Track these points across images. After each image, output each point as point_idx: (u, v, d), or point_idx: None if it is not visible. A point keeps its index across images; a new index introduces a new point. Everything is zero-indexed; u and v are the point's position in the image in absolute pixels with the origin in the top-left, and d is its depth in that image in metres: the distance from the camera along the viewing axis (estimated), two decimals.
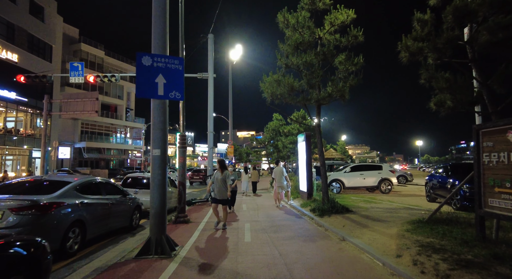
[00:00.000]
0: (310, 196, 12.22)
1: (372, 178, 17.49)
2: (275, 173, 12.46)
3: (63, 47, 40.79)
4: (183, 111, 9.83)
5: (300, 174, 13.57)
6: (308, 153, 12.27)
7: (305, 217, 9.76)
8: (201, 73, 16.47)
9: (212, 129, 16.36)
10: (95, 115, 28.24)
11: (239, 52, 33.76)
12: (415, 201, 13.83)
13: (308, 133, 12.36)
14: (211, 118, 16.33)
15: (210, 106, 16.33)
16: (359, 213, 9.25)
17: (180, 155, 9.63)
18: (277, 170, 12.40)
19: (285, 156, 28.52)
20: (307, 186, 12.25)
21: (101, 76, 17.03)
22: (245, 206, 12.97)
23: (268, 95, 9.20)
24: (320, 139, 9.82)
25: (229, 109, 32.28)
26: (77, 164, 43.50)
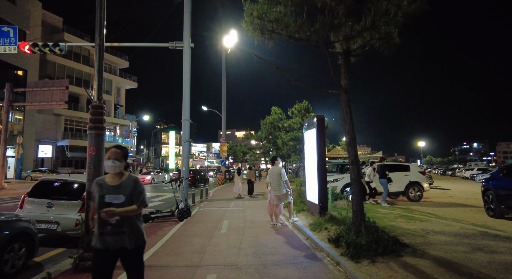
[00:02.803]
0: (323, 210, 7.77)
1: (397, 181, 13.06)
2: (271, 176, 8.04)
3: (44, 37, 36.40)
4: (99, 57, 5.48)
5: (307, 176, 9.13)
6: (321, 145, 7.85)
7: (322, 257, 5.26)
8: (174, 42, 12.06)
9: (189, 117, 11.93)
10: (64, 106, 23.72)
11: (234, 38, 29.43)
12: (469, 215, 9.46)
13: (320, 116, 7.91)
14: (186, 102, 11.91)
15: (185, 87, 11.91)
16: (423, 251, 4.81)
17: (91, 144, 5.26)
18: (273, 172, 7.98)
19: (285, 155, 24.09)
20: (319, 195, 7.79)
21: (40, 45, 12.62)
22: (226, 224, 8.52)
23: (254, 23, 4.74)
24: (350, 117, 5.33)
25: (222, 103, 27.85)
26: (59, 163, 39.10)
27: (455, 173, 45.68)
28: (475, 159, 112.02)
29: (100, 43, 5.45)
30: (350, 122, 5.19)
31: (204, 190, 16.36)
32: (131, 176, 2.96)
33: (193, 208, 11.79)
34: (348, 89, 5.19)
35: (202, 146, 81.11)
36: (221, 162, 28.79)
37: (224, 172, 27.93)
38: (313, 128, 8.15)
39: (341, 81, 5.19)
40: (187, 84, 11.96)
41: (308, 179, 8.88)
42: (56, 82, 22.79)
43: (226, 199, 15.29)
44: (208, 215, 10.31)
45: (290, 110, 21.75)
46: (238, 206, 12.51)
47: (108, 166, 2.82)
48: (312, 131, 8.26)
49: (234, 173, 37.54)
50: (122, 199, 2.74)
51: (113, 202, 2.72)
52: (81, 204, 6.88)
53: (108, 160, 2.83)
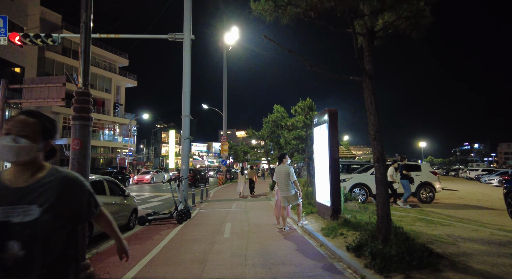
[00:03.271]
0: (336, 213, 7.04)
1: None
2: (278, 175, 7.31)
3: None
4: (86, 40, 4.78)
5: (317, 176, 8.38)
6: (333, 142, 7.12)
7: (343, 269, 4.49)
8: (174, 34, 11.33)
9: (189, 113, 11.19)
10: (61, 103, 23.03)
11: (235, 35, 28.71)
12: (490, 219, 8.78)
13: (332, 110, 7.17)
14: (186, 97, 11.17)
15: (185, 81, 11.17)
16: (464, 265, 4.07)
17: (74, 136, 4.56)
18: (281, 171, 7.24)
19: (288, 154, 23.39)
20: (332, 196, 7.06)
21: (31, 35, 11.92)
22: (228, 227, 7.79)
23: None
24: (375, 107, 4.56)
25: (223, 101, 27.12)
26: (58, 162, 38.29)
27: (459, 173, 44.96)
28: (476, 159, 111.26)
29: (87, 20, 4.73)
30: (376, 113, 4.46)
31: (205, 190, 15.64)
32: (57, 171, 1.51)
33: (193, 209, 11.07)
34: (373, 75, 4.47)
35: (202, 146, 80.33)
36: (221, 161, 28.06)
37: (225, 172, 27.19)
38: (324, 124, 7.41)
39: (364, 65, 4.46)
40: (187, 78, 11.23)
41: (318, 179, 8.14)
42: (52, 79, 21.88)
43: (227, 200, 14.57)
44: (209, 217, 9.58)
45: (293, 108, 20.93)
46: (241, 207, 11.78)
47: (3, 148, 1.39)
48: (323, 127, 7.52)
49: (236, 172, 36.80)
50: (35, 215, 1.35)
51: (12, 220, 1.33)
52: None
53: (5, 138, 1.39)
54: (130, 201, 8.79)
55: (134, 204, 9.09)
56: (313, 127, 8.27)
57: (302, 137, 20.51)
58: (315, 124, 8.14)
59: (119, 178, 24.44)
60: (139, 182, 28.47)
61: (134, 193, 19.14)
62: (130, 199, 8.85)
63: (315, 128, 8.19)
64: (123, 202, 8.26)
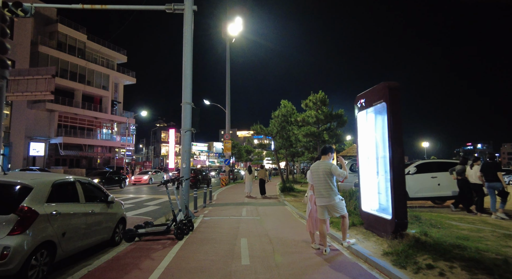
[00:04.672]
0: (401, 229, 4.93)
1: (446, 183, 10.32)
2: (314, 175, 5.18)
3: (36, 27, 33.64)
4: None
5: (362, 176, 6.17)
6: (396, 128, 4.98)
7: None
8: (172, 4, 9.21)
9: (190, 99, 9.08)
10: (50, 97, 20.87)
11: (239, 26, 26.62)
12: None
13: (393, 84, 5.03)
14: (188, 81, 9.05)
15: (186, 61, 9.06)
16: None
17: None
18: (319, 169, 5.11)
19: (300, 152, 21.26)
20: (394, 204, 4.88)
21: None
22: (245, 246, 5.67)
23: None
24: None
25: (226, 96, 25.01)
26: (53, 162, 36.18)
27: None
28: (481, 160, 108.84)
29: None
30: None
31: (208, 193, 13.50)
32: None
33: (195, 217, 8.95)
34: None
35: (203, 145, 78.01)
36: (224, 161, 25.93)
37: (228, 172, 25.03)
38: (378, 104, 5.30)
39: None
40: (189, 58, 9.12)
41: (365, 182, 6.01)
42: (41, 70, 19.72)
43: (235, 204, 12.46)
44: (217, 228, 7.46)
45: (304, 102, 18.86)
46: (253, 214, 9.67)
47: None
48: (378, 109, 5.41)
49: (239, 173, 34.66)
50: None
51: None
52: (17, 220, 4.09)
53: None
54: (115, 209, 6.70)
55: (122, 212, 7.00)
56: (357, 111, 6.15)
57: (315, 133, 18.42)
58: (359, 107, 6.02)
59: (115, 179, 22.30)
60: (137, 183, 26.33)
61: (130, 195, 17.03)
62: (116, 206, 6.76)
63: (359, 112, 6.07)
64: (105, 211, 6.17)
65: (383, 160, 5.26)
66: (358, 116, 6.14)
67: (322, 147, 5.34)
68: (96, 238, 5.85)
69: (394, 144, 4.90)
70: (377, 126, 5.57)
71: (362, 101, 5.89)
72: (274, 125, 18.36)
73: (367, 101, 5.68)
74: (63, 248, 4.76)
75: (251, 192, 15.45)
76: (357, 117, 6.16)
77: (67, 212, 4.97)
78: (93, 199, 6.01)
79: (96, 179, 19.98)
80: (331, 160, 5.26)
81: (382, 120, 5.33)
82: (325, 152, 5.23)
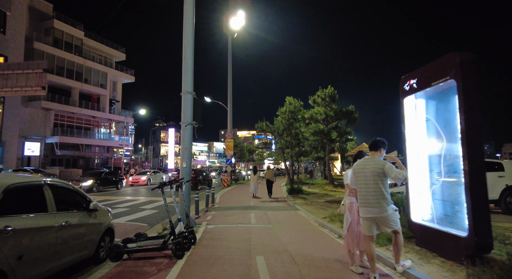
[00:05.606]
0: (482, 251, 3.60)
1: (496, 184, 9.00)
2: (360, 176, 3.84)
3: (32, 23, 32.24)
4: None
5: (411, 179, 4.78)
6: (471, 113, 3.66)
7: None
8: None
9: (191, 89, 7.75)
10: (42, 92, 19.45)
11: (241, 20, 25.31)
12: None
13: (466, 56, 3.73)
14: (189, 66, 7.72)
15: (187, 43, 7.74)
16: None
17: None
18: (366, 169, 3.78)
19: (308, 151, 19.88)
20: (472, 217, 3.54)
21: None
22: (263, 269, 4.31)
23: None
24: None
25: (228, 92, 23.68)
26: (48, 162, 34.80)
27: None
28: None
29: None
30: None
31: (210, 195, 12.15)
32: None
33: (197, 225, 7.61)
34: None
35: (203, 145, 76.52)
36: (226, 160, 24.55)
37: (230, 172, 23.64)
38: (440, 83, 3.97)
39: None
40: (190, 39, 7.79)
41: (415, 184, 4.67)
42: (31, 64, 18.37)
43: (240, 208, 11.12)
44: (224, 240, 6.12)
45: (311, 97, 17.50)
46: (263, 221, 8.33)
47: None
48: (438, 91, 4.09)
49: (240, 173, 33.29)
50: None
51: None
52: None
53: None
54: (100, 218, 5.36)
55: (108, 222, 5.65)
56: (403, 96, 4.80)
57: (323, 131, 17.09)
58: (407, 91, 4.68)
59: (112, 180, 20.92)
60: (134, 184, 24.95)
61: (127, 197, 15.67)
62: (101, 214, 5.42)
63: (407, 97, 4.73)
64: (86, 221, 4.84)
65: (451, 157, 3.94)
66: (405, 102, 4.81)
67: (371, 140, 4.00)
68: (73, 256, 4.53)
69: (470, 136, 3.58)
70: (438, 113, 4.25)
71: (412, 82, 4.55)
72: (281, 122, 17.02)
73: (421, 81, 4.35)
74: (19, 277, 3.43)
75: (256, 192, 14.79)
76: (404, 103, 4.83)
77: (27, 227, 3.63)
78: (69, 207, 4.68)
79: (90, 180, 18.63)
80: (383, 156, 3.94)
81: (446, 105, 4.02)
82: (375, 147, 3.90)
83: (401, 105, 4.87)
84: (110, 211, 6.00)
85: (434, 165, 4.35)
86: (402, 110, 4.83)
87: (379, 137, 3.98)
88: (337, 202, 11.64)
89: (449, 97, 3.93)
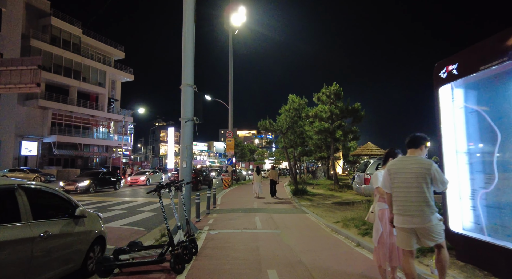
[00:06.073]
0: None
1: None
2: (398, 178, 3.16)
3: (29, 21, 31.50)
4: None
5: (450, 182, 4.11)
6: None
7: None
8: None
9: (192, 81, 7.07)
10: (36, 90, 18.77)
11: (242, 16, 24.62)
12: None
13: None
14: (189, 57, 7.04)
15: (187, 32, 7.05)
16: None
17: None
18: (405, 168, 3.12)
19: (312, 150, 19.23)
20: None
21: None
22: None
23: None
24: None
25: (229, 90, 23.00)
26: (46, 162, 34.09)
27: None
28: None
29: None
30: None
31: (212, 196, 11.46)
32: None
33: (198, 231, 6.92)
34: None
35: (203, 145, 75.74)
36: (227, 160, 23.86)
37: (231, 172, 22.93)
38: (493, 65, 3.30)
39: None
40: (190, 29, 7.10)
41: (454, 190, 3.98)
42: (26, 60, 17.70)
43: (244, 210, 10.44)
44: (229, 250, 5.42)
45: (316, 95, 16.82)
46: (270, 225, 7.65)
47: None
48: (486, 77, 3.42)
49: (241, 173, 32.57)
50: None
51: None
52: None
53: None
54: (89, 225, 4.66)
55: (99, 229, 4.94)
56: (438, 86, 4.10)
57: (328, 130, 16.41)
58: (444, 78, 3.99)
59: (109, 180, 20.21)
60: (133, 184, 24.24)
61: (124, 198, 14.96)
62: (90, 221, 4.72)
63: (444, 86, 4.04)
64: (71, 230, 4.15)
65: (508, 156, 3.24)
66: (441, 91, 4.13)
67: (410, 136, 3.30)
68: (55, 271, 3.84)
69: None
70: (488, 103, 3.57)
71: (450, 68, 3.87)
72: (284, 120, 16.33)
73: (464, 65, 3.67)
74: None
75: (260, 193, 14.44)
76: (439, 93, 4.15)
77: None
78: (50, 214, 3.99)
79: (87, 180, 17.90)
80: (425, 154, 3.27)
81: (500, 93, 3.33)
82: (415, 143, 3.22)
83: (435, 96, 4.17)
84: (101, 216, 5.30)
85: (481, 165, 3.67)
86: (437, 101, 4.14)
87: (419, 133, 3.30)
88: (346, 204, 10.97)
89: (506, 84, 3.25)
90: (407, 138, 3.31)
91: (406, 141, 3.30)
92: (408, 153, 3.28)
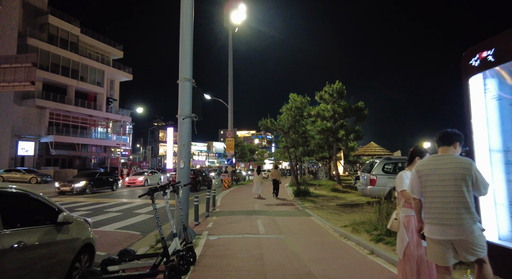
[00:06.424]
0: None
1: None
2: (432, 180, 2.68)
3: (26, 19, 30.98)
4: None
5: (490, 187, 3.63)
6: None
7: None
8: None
9: (190, 75, 6.59)
10: (31, 88, 18.28)
11: (242, 14, 24.14)
12: None
13: None
14: (187, 50, 6.56)
15: (185, 24, 6.57)
16: None
17: None
18: (438, 169, 2.64)
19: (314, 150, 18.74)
20: None
21: None
22: None
23: None
24: None
25: (229, 89, 22.51)
26: (43, 162, 33.54)
27: None
28: None
29: None
30: None
31: (211, 198, 10.96)
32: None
33: (197, 236, 6.42)
34: None
35: (202, 145, 75.19)
36: (227, 160, 23.36)
37: (231, 173, 22.43)
38: None
39: None
40: (188, 19, 6.61)
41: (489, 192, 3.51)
42: (20, 58, 17.25)
43: (245, 212, 9.95)
44: (230, 259, 4.93)
45: (318, 93, 16.35)
46: (273, 229, 7.16)
47: None
48: None
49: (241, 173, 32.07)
50: None
51: None
52: None
53: None
54: (75, 232, 4.15)
55: (86, 236, 4.42)
56: (467, 75, 3.62)
57: (331, 129, 15.93)
58: (476, 67, 3.51)
59: (106, 181, 19.69)
60: (131, 185, 23.72)
61: (122, 200, 14.42)
62: (75, 228, 4.21)
63: (474, 77, 3.56)
64: (52, 239, 3.65)
65: None
66: (471, 82, 3.65)
67: (441, 132, 2.81)
68: None
69: None
70: None
71: (484, 55, 3.39)
72: (286, 119, 15.85)
73: (504, 50, 3.18)
74: None
75: (261, 193, 14.33)
76: (469, 84, 3.67)
77: None
78: (28, 222, 3.50)
79: (83, 181, 17.37)
80: (460, 152, 2.79)
81: None
82: (448, 140, 2.74)
83: (465, 87, 3.69)
84: (89, 221, 4.80)
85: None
86: (467, 93, 3.66)
87: (451, 129, 2.81)
88: (351, 206, 10.50)
89: None
90: (437, 135, 2.82)
91: (436, 139, 2.81)
92: (439, 152, 2.79)
